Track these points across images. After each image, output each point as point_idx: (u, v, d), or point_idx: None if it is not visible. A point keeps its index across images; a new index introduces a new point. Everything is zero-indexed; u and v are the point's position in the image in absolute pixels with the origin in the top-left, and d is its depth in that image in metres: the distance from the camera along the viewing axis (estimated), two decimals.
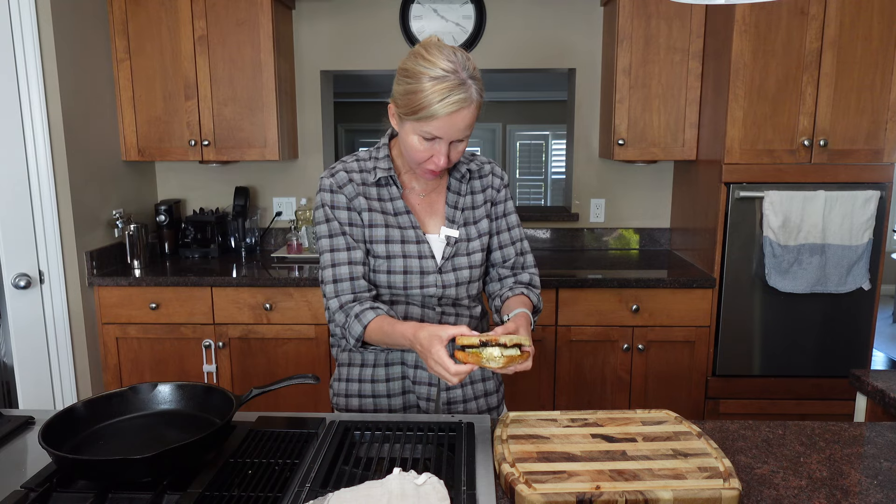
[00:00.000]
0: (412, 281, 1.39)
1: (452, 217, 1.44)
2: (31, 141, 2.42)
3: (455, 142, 1.30)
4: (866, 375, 1.55)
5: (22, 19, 2.34)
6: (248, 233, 3.18)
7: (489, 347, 1.15)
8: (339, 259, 1.38)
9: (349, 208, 1.40)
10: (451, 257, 1.42)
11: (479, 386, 1.50)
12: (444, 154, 1.29)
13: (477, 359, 1.15)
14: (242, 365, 2.70)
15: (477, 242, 1.45)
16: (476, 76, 1.28)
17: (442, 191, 1.46)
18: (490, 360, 1.15)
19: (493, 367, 1.16)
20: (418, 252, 1.40)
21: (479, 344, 1.15)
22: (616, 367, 2.68)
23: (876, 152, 2.48)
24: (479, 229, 1.46)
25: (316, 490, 1.02)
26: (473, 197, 1.48)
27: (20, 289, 2.46)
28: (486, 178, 1.49)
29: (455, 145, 1.31)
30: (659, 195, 3.23)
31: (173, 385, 1.27)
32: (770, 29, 2.43)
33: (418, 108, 1.25)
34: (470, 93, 1.25)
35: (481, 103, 1.30)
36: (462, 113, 1.25)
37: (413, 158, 1.33)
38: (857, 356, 2.61)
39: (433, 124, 1.26)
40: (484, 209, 1.47)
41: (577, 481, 1.00)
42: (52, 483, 1.03)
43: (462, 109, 1.25)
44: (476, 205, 1.47)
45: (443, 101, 1.23)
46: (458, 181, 1.47)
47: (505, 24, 3.09)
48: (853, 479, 1.09)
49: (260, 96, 2.83)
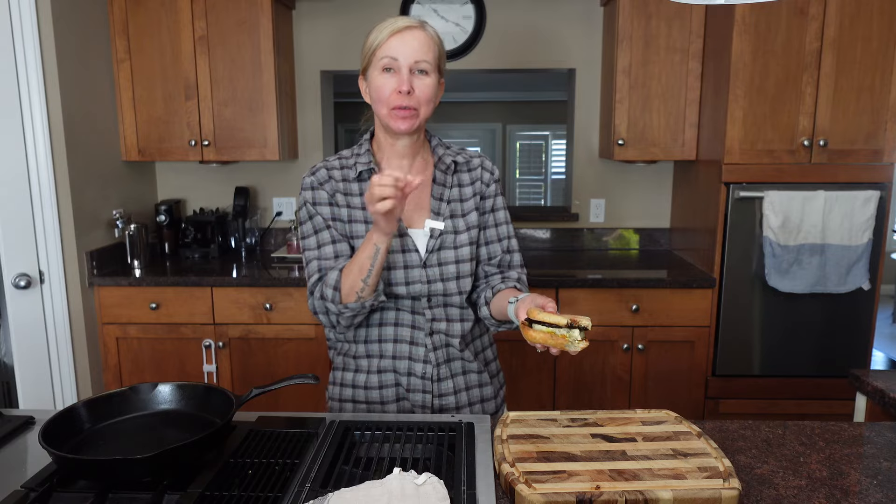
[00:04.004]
0: (397, 276, 1.36)
1: (438, 209, 1.41)
2: (31, 141, 2.42)
3: (419, 73, 1.31)
4: (866, 375, 1.55)
5: (22, 19, 2.34)
6: (249, 233, 3.18)
7: (574, 329, 1.11)
8: (325, 253, 1.37)
9: (331, 204, 1.39)
10: (436, 250, 1.39)
11: (475, 392, 1.47)
12: (407, 80, 1.29)
13: (561, 341, 1.11)
14: (242, 365, 2.70)
15: (465, 236, 1.41)
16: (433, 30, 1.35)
17: (427, 183, 1.43)
18: (571, 344, 1.11)
19: (570, 350, 1.12)
20: (401, 246, 1.37)
21: (566, 325, 1.11)
22: (616, 367, 2.68)
23: (876, 152, 2.48)
24: (468, 222, 1.42)
25: (316, 490, 1.02)
26: (461, 189, 1.44)
27: (20, 289, 2.46)
28: (475, 171, 1.46)
29: (420, 77, 1.31)
30: (659, 195, 3.23)
31: (173, 385, 1.27)
32: (770, 29, 2.43)
33: (372, 44, 1.33)
34: (416, 20, 1.32)
35: (438, 41, 1.34)
36: (413, 32, 1.30)
37: (381, 99, 1.33)
38: (857, 356, 2.61)
39: (385, 46, 1.30)
40: (473, 202, 1.44)
41: (576, 481, 1.00)
42: (52, 483, 1.03)
43: (411, 29, 1.30)
44: (464, 197, 1.44)
45: (389, 25, 1.31)
46: (444, 172, 1.44)
47: (505, 24, 3.09)
48: (853, 478, 1.09)
49: (260, 96, 2.83)
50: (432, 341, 1.41)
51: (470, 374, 1.47)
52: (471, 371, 1.47)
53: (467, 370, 1.46)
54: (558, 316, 1.13)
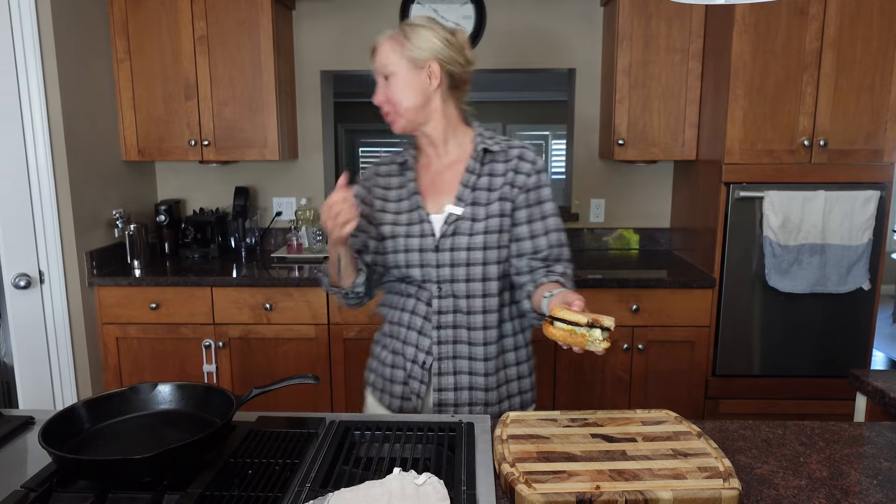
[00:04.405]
0: (412, 259, 1.44)
1: (461, 195, 1.43)
2: (31, 141, 2.42)
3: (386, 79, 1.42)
4: (866, 375, 1.55)
5: (22, 19, 2.34)
6: (248, 233, 3.18)
7: (595, 329, 1.09)
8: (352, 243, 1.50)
9: (364, 199, 1.53)
10: (449, 235, 1.41)
11: (478, 394, 1.46)
12: (381, 90, 1.43)
13: (580, 339, 1.09)
14: (242, 365, 2.70)
15: (482, 224, 1.40)
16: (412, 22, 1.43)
17: (460, 170, 1.46)
18: (592, 343, 1.09)
19: (591, 349, 1.11)
20: (420, 231, 1.44)
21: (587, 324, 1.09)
22: (616, 367, 2.68)
23: (876, 152, 2.48)
24: (489, 211, 1.41)
25: (316, 490, 1.02)
26: (492, 179, 1.44)
27: (20, 289, 2.46)
28: (511, 161, 1.44)
29: (389, 82, 1.41)
30: (659, 195, 3.23)
31: (173, 385, 1.27)
32: (770, 29, 2.43)
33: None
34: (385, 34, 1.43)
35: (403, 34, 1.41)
36: (380, 46, 1.42)
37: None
38: (857, 356, 2.61)
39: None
40: (500, 192, 1.42)
41: (576, 481, 1.00)
42: (52, 483, 1.03)
43: (379, 44, 1.43)
44: (493, 187, 1.43)
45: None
46: (475, 160, 1.45)
47: (505, 24, 3.09)
48: (853, 478, 1.09)
49: (260, 96, 2.83)
50: (438, 335, 1.44)
51: (476, 377, 1.46)
52: (477, 373, 1.46)
53: (474, 371, 1.45)
54: (580, 315, 1.12)
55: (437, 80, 1.40)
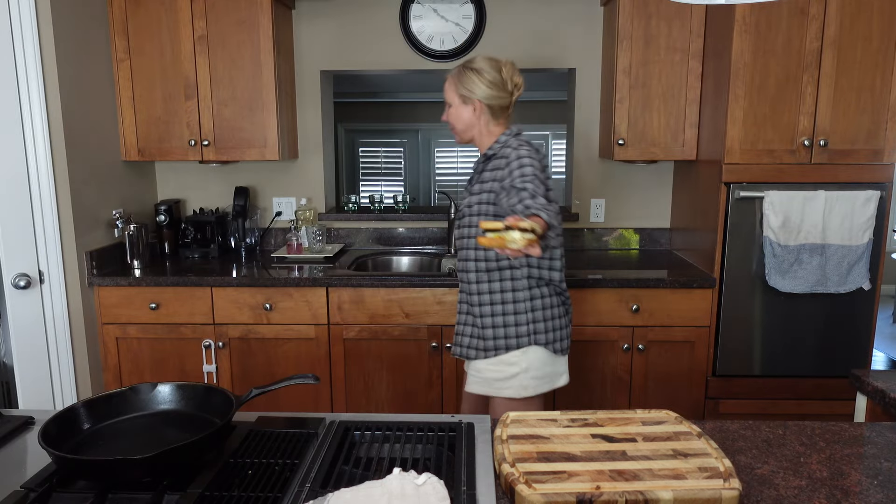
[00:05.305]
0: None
1: (470, 190, 1.90)
2: (31, 141, 2.42)
3: (448, 107, 1.92)
4: (866, 375, 1.55)
5: (22, 19, 2.34)
6: (248, 233, 3.18)
7: (512, 231, 1.32)
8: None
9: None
10: (456, 229, 1.93)
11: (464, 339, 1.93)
12: (445, 113, 1.94)
13: (500, 242, 1.33)
14: (242, 365, 2.70)
15: (466, 211, 1.87)
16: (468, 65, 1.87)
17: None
18: (511, 243, 1.32)
19: (513, 248, 1.33)
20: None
21: (504, 228, 1.33)
22: (616, 367, 2.68)
23: (876, 152, 2.48)
24: (471, 200, 1.86)
25: (316, 490, 1.02)
26: (493, 174, 1.82)
27: (20, 289, 2.46)
28: (500, 159, 1.81)
29: (450, 109, 1.92)
30: (659, 195, 3.23)
31: (173, 385, 1.27)
32: (770, 29, 2.43)
33: None
34: (452, 72, 1.92)
35: (457, 76, 1.88)
36: (446, 82, 1.92)
37: None
38: (857, 356, 2.61)
39: None
40: (490, 185, 1.82)
41: (577, 481, 1.00)
42: (52, 483, 1.03)
43: (446, 79, 1.92)
44: (485, 180, 1.85)
45: None
46: (480, 163, 1.91)
47: (505, 24, 3.09)
48: (853, 479, 1.09)
49: (260, 96, 2.83)
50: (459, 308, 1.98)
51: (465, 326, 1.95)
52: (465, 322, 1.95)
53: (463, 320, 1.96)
54: (498, 223, 1.35)
55: (479, 112, 1.87)
